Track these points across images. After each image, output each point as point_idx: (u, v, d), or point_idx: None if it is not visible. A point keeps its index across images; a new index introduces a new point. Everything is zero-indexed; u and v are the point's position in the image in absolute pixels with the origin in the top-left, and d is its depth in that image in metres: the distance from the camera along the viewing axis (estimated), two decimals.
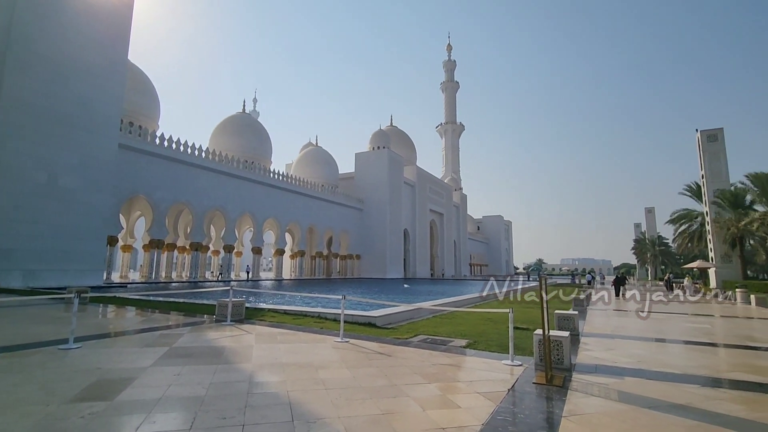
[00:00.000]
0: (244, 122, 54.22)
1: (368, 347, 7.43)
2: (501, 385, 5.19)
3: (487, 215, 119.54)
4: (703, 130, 40.32)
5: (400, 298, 22.39)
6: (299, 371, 5.68)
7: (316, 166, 59.84)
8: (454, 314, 12.57)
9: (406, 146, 73.83)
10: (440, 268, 74.38)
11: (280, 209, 44.59)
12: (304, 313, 11.75)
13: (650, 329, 11.56)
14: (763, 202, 34.71)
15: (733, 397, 5.02)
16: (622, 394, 4.96)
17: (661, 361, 7.15)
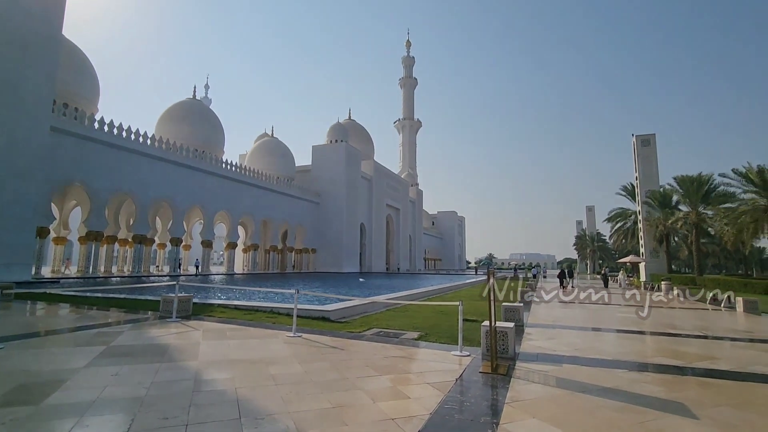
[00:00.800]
0: (195, 109, 51.56)
1: (321, 341, 7.40)
2: (449, 375, 5.37)
3: (442, 211, 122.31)
4: (639, 134, 43.64)
5: (355, 292, 22.43)
6: (249, 367, 5.55)
7: (271, 158, 58.20)
8: (408, 307, 12.81)
9: (364, 140, 73.68)
10: (396, 263, 75.26)
11: (232, 201, 43.00)
12: (256, 308, 11.47)
13: (587, 319, 12.42)
14: (687, 203, 38.22)
15: (655, 380, 5.53)
16: (559, 380, 5.30)
17: (595, 348, 7.72)
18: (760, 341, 8.93)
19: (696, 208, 36.95)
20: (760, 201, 29.45)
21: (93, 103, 37.69)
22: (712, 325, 11.32)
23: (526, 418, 3.97)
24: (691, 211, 37.30)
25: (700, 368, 6.19)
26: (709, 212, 36.61)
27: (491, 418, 3.95)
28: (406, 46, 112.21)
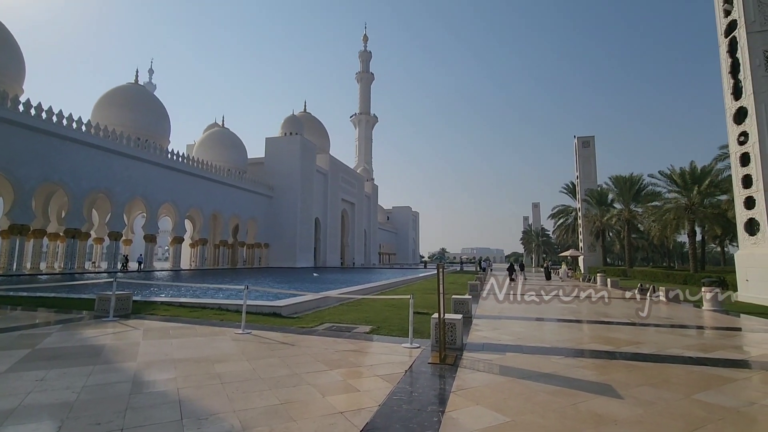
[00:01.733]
0: (137, 94, 48.22)
1: (271, 338, 7.26)
2: (399, 367, 5.48)
3: (397, 206, 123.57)
4: (580, 136, 46.49)
5: (309, 287, 22.16)
6: (193, 367, 5.34)
7: (221, 149, 55.83)
8: (361, 302, 12.86)
9: (320, 134, 72.60)
10: (351, 257, 75.14)
11: (178, 194, 40.81)
12: (203, 305, 11.01)
13: (529, 309, 13.11)
14: (620, 201, 41.35)
15: (587, 364, 5.97)
16: (502, 368, 5.58)
17: (536, 337, 8.19)
18: (678, 327, 9.90)
19: (628, 205, 40.07)
20: (681, 200, 32.48)
21: (17, 82, 34.21)
22: (638, 312, 12.35)
23: (471, 405, 4.14)
24: (623, 208, 40.40)
25: (627, 352, 6.76)
26: (639, 210, 39.84)
27: (437, 407, 4.08)
28: (363, 40, 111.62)
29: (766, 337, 8.67)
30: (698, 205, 30.95)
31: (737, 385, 5.01)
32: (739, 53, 16.58)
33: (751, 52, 15.91)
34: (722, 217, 29.86)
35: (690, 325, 10.20)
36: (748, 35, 16.05)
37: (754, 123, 15.63)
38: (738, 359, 6.54)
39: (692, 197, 31.26)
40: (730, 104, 17.06)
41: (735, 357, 6.67)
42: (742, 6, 16.30)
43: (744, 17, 16.21)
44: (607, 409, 4.07)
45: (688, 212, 31.21)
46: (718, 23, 17.95)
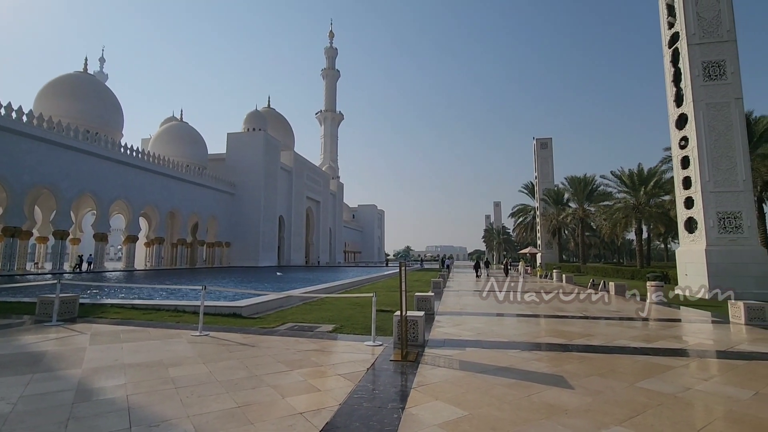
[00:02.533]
0: (86, 84, 45.26)
1: (230, 339, 7.06)
2: (361, 366, 5.48)
3: (362, 204, 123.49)
4: (538, 138, 48.35)
5: (271, 286, 21.73)
6: (145, 372, 5.09)
7: (180, 144, 53.49)
8: (324, 301, 12.76)
9: (284, 130, 71.17)
10: (315, 256, 74.34)
11: (132, 190, 38.74)
12: (158, 306, 10.54)
13: (489, 306, 13.50)
14: (575, 200, 43.42)
15: (542, 357, 6.23)
16: (462, 363, 5.71)
17: (495, 332, 8.44)
18: (625, 319, 10.52)
19: (582, 205, 42.16)
20: (630, 200, 34.53)
21: None
22: (590, 306, 13.03)
23: (430, 400, 4.21)
24: (578, 207, 42.46)
25: (578, 345, 7.11)
26: (592, 209, 42.00)
27: (398, 404, 4.12)
28: (329, 37, 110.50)
29: (702, 327, 9.40)
30: (644, 204, 33.03)
31: (675, 372, 5.39)
32: (681, 63, 17.81)
33: (691, 63, 17.13)
34: (665, 216, 32.02)
35: (636, 317, 10.86)
36: (689, 47, 17.26)
37: (693, 129, 16.85)
38: (677, 348, 7.04)
39: (639, 197, 33.31)
40: (673, 111, 18.30)
41: (674, 346, 7.18)
42: (683, 19, 17.51)
43: (685, 30, 17.42)
44: (559, 399, 4.27)
45: (635, 211, 33.24)
46: (662, 34, 19.18)
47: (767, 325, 9.08)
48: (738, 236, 15.93)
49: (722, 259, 15.69)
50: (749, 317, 9.27)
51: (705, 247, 16.04)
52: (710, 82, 16.87)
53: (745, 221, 15.96)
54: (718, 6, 17.18)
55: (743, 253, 15.69)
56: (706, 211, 16.31)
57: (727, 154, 16.38)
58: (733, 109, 16.53)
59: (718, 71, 16.85)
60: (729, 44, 16.91)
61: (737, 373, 5.43)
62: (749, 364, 5.94)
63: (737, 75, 16.72)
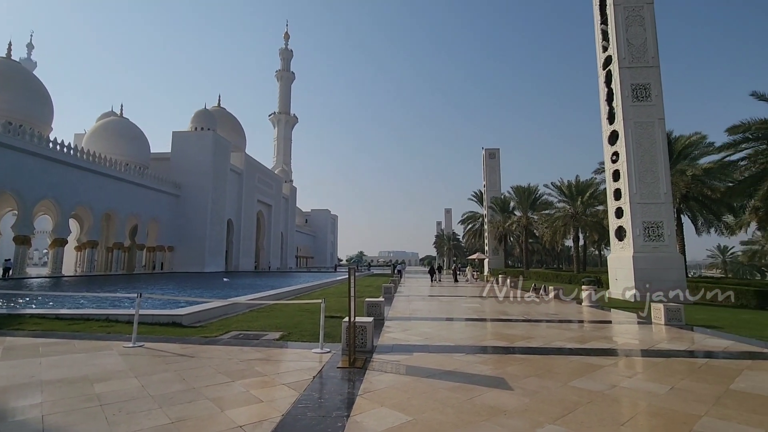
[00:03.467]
0: (10, 71, 41.13)
1: (167, 350, 6.64)
2: (308, 374, 5.37)
3: (316, 208, 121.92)
4: (487, 148, 50.41)
5: (217, 293, 20.81)
6: (66, 389, 4.65)
7: (119, 141, 49.94)
8: (273, 307, 12.40)
9: (235, 131, 68.68)
10: (266, 261, 72.15)
11: (62, 189, 35.53)
12: (87, 316, 9.71)
13: (438, 310, 13.81)
14: (520, 209, 45.67)
15: (485, 360, 6.44)
16: (409, 368, 5.77)
17: (442, 336, 8.62)
18: (563, 321, 11.17)
19: (526, 213, 44.41)
20: (568, 209, 36.88)
21: None
22: (532, 310, 13.70)
23: (376, 407, 4.21)
24: (522, 215, 44.67)
25: (520, 347, 7.44)
26: (535, 217, 44.36)
27: (343, 412, 4.07)
28: (285, 38, 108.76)
29: (629, 328, 10.20)
30: (581, 213, 35.44)
31: (604, 370, 5.79)
32: (613, 84, 19.38)
33: (622, 84, 18.69)
34: (599, 224, 34.52)
35: (572, 320, 11.57)
36: (620, 70, 18.85)
37: (623, 145, 18.36)
38: (606, 348, 7.58)
39: (576, 207, 35.68)
40: (606, 127, 19.85)
41: (604, 346, 7.71)
42: (615, 45, 19.10)
43: (617, 54, 19.01)
44: (499, 400, 4.43)
45: (573, 220, 35.55)
46: (598, 57, 20.80)
47: (683, 324, 10.03)
48: (660, 244, 17.51)
49: (647, 264, 17.15)
50: (668, 318, 10.19)
51: (632, 254, 17.46)
52: (638, 103, 18.50)
53: (665, 230, 17.58)
54: (644, 34, 18.92)
55: (664, 259, 17.26)
56: (633, 220, 17.79)
57: (651, 168, 18.00)
58: (657, 129, 18.23)
59: (645, 93, 18.53)
60: (653, 69, 18.66)
61: (657, 370, 5.93)
62: (667, 360, 6.52)
63: (660, 97, 18.48)
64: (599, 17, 20.63)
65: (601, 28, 20.45)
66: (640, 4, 19.15)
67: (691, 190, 23.40)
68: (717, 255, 73.11)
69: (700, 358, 6.78)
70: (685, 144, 25.11)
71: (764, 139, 20.55)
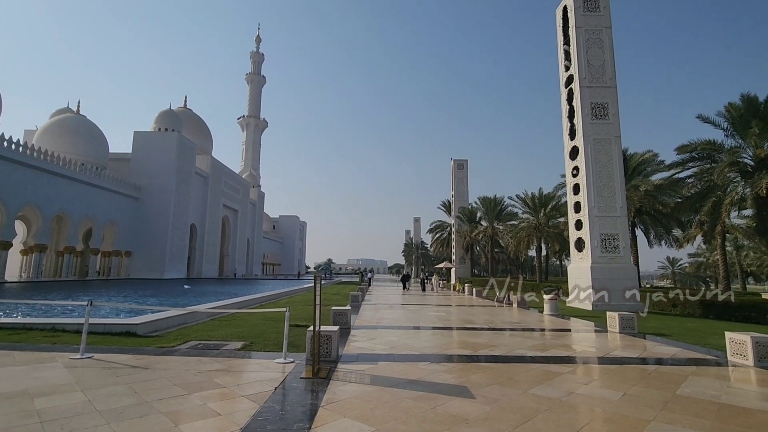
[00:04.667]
0: None
1: (119, 361, 6.29)
2: (269, 385, 5.22)
3: (284, 215, 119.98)
4: (455, 159, 51.49)
5: (177, 301, 19.97)
6: (3, 405, 4.30)
7: (75, 139, 47.40)
8: (236, 316, 12.03)
9: (201, 133, 66.78)
10: (231, 267, 70.05)
11: (7, 188, 33.19)
12: (29, 325, 9.05)
13: (404, 319, 13.83)
14: (486, 219, 46.75)
15: (449, 369, 6.50)
16: (373, 377, 5.73)
17: (408, 345, 8.63)
18: (526, 330, 11.47)
19: (492, 223, 45.51)
20: (532, 220, 38.13)
21: None
22: (496, 318, 14.00)
23: (338, 418, 4.14)
24: (488, 225, 45.75)
25: (483, 355, 7.56)
26: (500, 227, 45.53)
27: (304, 424, 3.98)
28: (256, 41, 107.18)
29: (586, 336, 10.59)
30: (544, 225, 36.70)
31: (562, 378, 5.97)
32: (574, 102, 20.34)
33: (582, 102, 19.65)
34: (560, 235, 35.84)
35: (534, 328, 11.90)
36: (581, 89, 19.82)
37: (583, 160, 19.25)
38: (565, 356, 7.83)
39: (539, 218, 36.94)
40: (567, 143, 20.75)
41: (563, 354, 7.97)
42: (577, 65, 20.10)
43: (578, 74, 20.00)
44: (461, 409, 4.47)
45: (536, 231, 36.76)
46: (560, 75, 21.80)
47: (635, 333, 10.53)
48: (616, 255, 18.38)
49: (603, 274, 17.94)
50: (622, 326, 10.68)
51: (590, 264, 18.23)
52: (597, 121, 19.48)
53: (621, 242, 18.50)
54: (603, 56, 20.02)
55: (619, 270, 18.12)
56: (592, 232, 18.61)
57: (608, 183, 18.94)
58: (614, 146, 19.24)
59: (603, 111, 19.55)
60: (611, 90, 19.75)
61: (611, 377, 6.18)
62: (620, 367, 6.81)
63: (617, 116, 19.55)
64: (562, 38, 21.67)
65: (564, 48, 21.47)
66: (599, 27, 20.28)
67: (644, 205, 24.75)
68: (667, 266, 77.70)
69: (651, 364, 7.12)
70: (639, 161, 26.60)
71: (708, 159, 22.11)
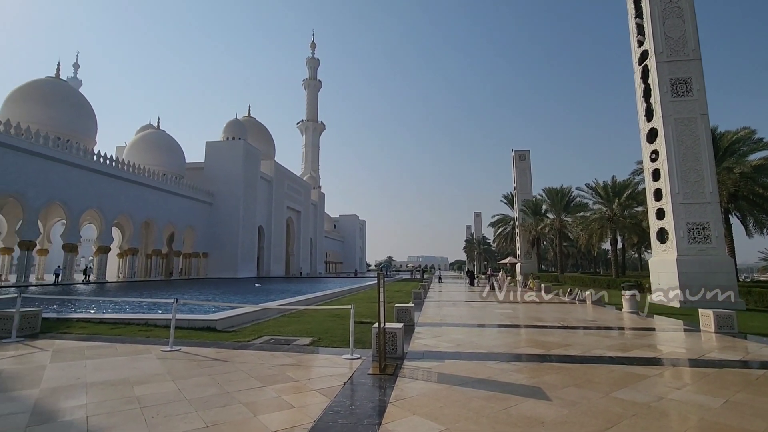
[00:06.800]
0: (58, 90, 43.92)
1: (202, 354, 6.80)
2: (338, 380, 5.35)
3: (344, 214, 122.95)
4: (517, 150, 49.33)
5: (249, 298, 21.25)
6: (108, 390, 4.83)
7: (156, 152, 52.29)
8: (303, 312, 12.52)
9: (265, 140, 70.53)
10: (296, 266, 73.33)
11: (105, 199, 37.50)
12: (128, 320, 10.12)
13: (469, 316, 13.51)
14: (553, 211, 44.30)
15: (520, 368, 6.22)
16: (441, 375, 5.64)
17: (474, 343, 8.41)
18: (602, 328, 10.68)
19: (559, 215, 43.02)
20: (604, 211, 35.46)
21: None
22: (568, 316, 13.20)
23: (407, 415, 4.12)
24: (555, 218, 43.31)
25: (556, 355, 7.14)
26: (569, 219, 42.90)
27: (374, 420, 4.01)
28: (311, 47, 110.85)
29: (674, 336, 9.61)
30: (619, 215, 33.96)
31: (649, 381, 5.45)
32: (650, 80, 18.53)
33: (660, 80, 17.84)
34: (638, 226, 32.96)
35: (612, 327, 11.04)
36: (658, 64, 18.00)
37: (663, 143, 17.49)
38: (651, 357, 7.16)
39: (613, 208, 34.24)
40: (644, 125, 18.97)
41: (648, 355, 7.29)
42: (652, 38, 18.28)
43: (654, 48, 18.18)
44: (536, 411, 4.24)
45: (610, 222, 34.12)
46: (633, 52, 19.97)
47: (735, 333, 9.36)
48: (707, 246, 16.49)
49: (692, 268, 16.18)
50: (719, 325, 9.54)
51: (676, 257, 16.53)
52: (678, 98, 17.59)
53: (713, 232, 16.55)
54: (683, 26, 18.01)
55: (712, 263, 16.23)
56: (676, 222, 16.86)
57: (694, 167, 17.03)
58: (700, 125, 17.25)
59: (685, 88, 17.60)
60: (695, 62, 17.71)
61: (708, 381, 5.53)
62: (719, 371, 6.07)
63: (702, 92, 17.50)
64: (633, 11, 19.83)
65: (636, 21, 19.64)
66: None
67: (740, 189, 21.97)
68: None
69: (757, 369, 6.28)
70: (731, 140, 23.64)
71: None
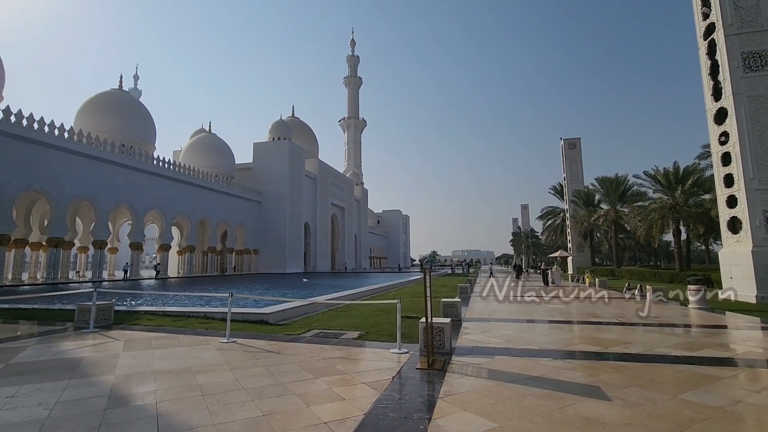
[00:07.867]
0: (122, 101, 47.59)
1: (257, 346, 7.12)
2: (386, 374, 5.38)
3: (387, 209, 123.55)
4: (566, 138, 47.04)
5: (298, 293, 21.95)
6: (174, 378, 5.18)
7: (208, 155, 55.27)
8: (350, 307, 12.74)
9: (308, 138, 72.36)
10: (341, 262, 74.83)
11: (165, 200, 40.22)
12: (188, 313, 10.80)
13: (519, 312, 13.11)
14: (607, 202, 41.87)
15: (576, 366, 5.94)
16: (491, 372, 5.52)
17: (525, 339, 8.14)
18: (665, 326, 9.96)
19: (614, 206, 40.58)
20: (666, 200, 32.99)
21: None
22: (626, 312, 12.44)
23: (458, 411, 4.07)
24: (610, 209, 40.91)
25: (615, 353, 6.75)
26: (625, 210, 40.37)
27: (424, 414, 4.00)
28: (351, 45, 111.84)
29: (751, 335, 8.77)
30: (682, 204, 31.46)
31: (723, 383, 5.01)
32: (717, 55, 16.93)
33: (729, 54, 16.25)
34: (705, 215, 30.39)
35: (677, 324, 10.27)
36: (726, 38, 16.40)
37: (734, 123, 15.94)
38: (724, 357, 6.58)
39: (676, 197, 31.78)
40: (711, 105, 17.39)
41: (721, 355, 6.71)
42: (719, 9, 16.66)
43: (722, 20, 16.57)
44: (595, 411, 4.03)
45: (672, 212, 31.70)
46: (697, 26, 18.32)
47: None
48: None
49: None
50: None
51: (751, 249, 15.06)
52: (751, 74, 15.94)
53: None
54: None
55: None
56: (751, 210, 15.34)
57: None
58: None
59: (760, 62, 15.91)
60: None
61: None
62: None
63: None
64: None
65: None
66: None
67: None
68: None
69: None
70: None
71: None
